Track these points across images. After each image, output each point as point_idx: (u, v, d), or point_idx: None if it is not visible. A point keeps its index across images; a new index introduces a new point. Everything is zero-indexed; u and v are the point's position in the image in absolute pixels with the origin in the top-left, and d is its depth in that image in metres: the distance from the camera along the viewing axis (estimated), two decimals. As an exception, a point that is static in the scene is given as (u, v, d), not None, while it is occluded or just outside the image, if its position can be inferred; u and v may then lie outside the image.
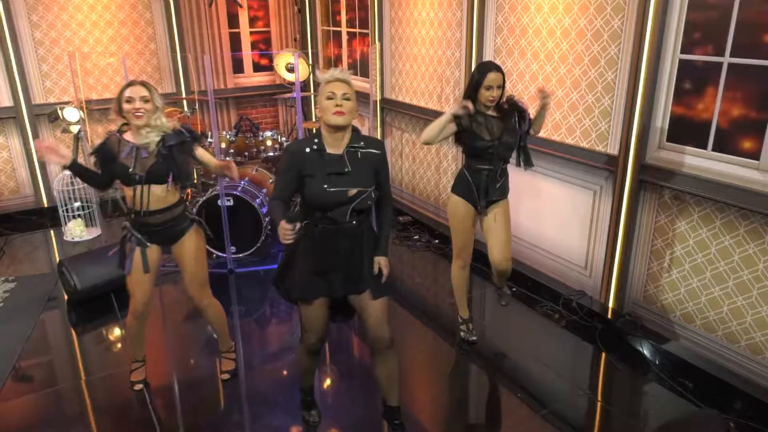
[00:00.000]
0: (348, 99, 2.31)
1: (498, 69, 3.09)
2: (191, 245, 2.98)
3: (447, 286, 3.71)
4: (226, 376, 3.29)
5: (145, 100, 2.74)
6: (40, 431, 2.97)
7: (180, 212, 2.94)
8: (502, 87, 3.11)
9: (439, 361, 3.59)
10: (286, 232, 2.16)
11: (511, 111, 3.17)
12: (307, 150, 2.34)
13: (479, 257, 4.20)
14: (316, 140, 2.36)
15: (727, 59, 2.91)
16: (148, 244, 2.92)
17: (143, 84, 2.79)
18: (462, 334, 3.63)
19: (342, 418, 3.05)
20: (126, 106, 2.73)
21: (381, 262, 2.50)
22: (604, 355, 3.53)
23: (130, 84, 2.78)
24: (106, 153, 2.82)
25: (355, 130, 2.43)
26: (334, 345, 3.75)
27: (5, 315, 3.96)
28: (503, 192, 3.31)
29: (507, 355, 3.56)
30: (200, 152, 2.96)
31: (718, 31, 2.92)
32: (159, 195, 2.83)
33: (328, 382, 3.42)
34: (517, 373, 3.38)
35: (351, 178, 2.35)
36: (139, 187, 2.80)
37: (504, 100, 3.19)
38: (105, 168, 2.86)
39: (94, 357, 3.68)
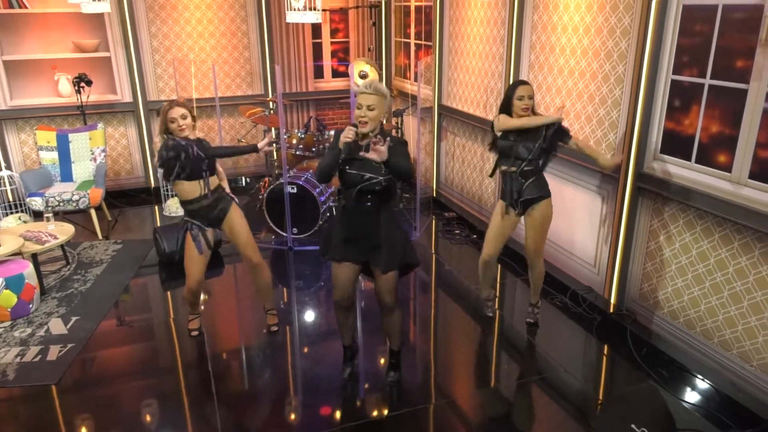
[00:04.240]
0: (373, 109, 2.87)
1: (526, 82, 3.63)
2: (238, 220, 3.70)
3: (474, 275, 4.21)
4: (275, 328, 4.02)
5: (184, 117, 3.43)
6: (132, 352, 3.92)
7: (221, 190, 3.66)
8: (532, 98, 3.57)
9: (460, 331, 4.15)
10: (349, 131, 2.81)
11: None
12: None
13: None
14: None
15: (708, 81, 3.23)
16: (206, 228, 3.66)
17: (181, 104, 3.49)
18: (486, 309, 4.24)
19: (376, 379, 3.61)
20: (171, 126, 3.43)
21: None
22: (597, 343, 3.92)
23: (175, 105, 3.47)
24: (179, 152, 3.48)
25: (382, 129, 2.97)
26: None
27: (111, 268, 4.99)
28: (537, 191, 3.65)
29: (518, 337, 4.08)
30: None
31: (702, 55, 3.24)
32: (212, 180, 3.61)
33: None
34: (523, 350, 3.94)
35: (366, 165, 2.90)
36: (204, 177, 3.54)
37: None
38: (176, 163, 3.47)
39: (174, 302, 4.62)
